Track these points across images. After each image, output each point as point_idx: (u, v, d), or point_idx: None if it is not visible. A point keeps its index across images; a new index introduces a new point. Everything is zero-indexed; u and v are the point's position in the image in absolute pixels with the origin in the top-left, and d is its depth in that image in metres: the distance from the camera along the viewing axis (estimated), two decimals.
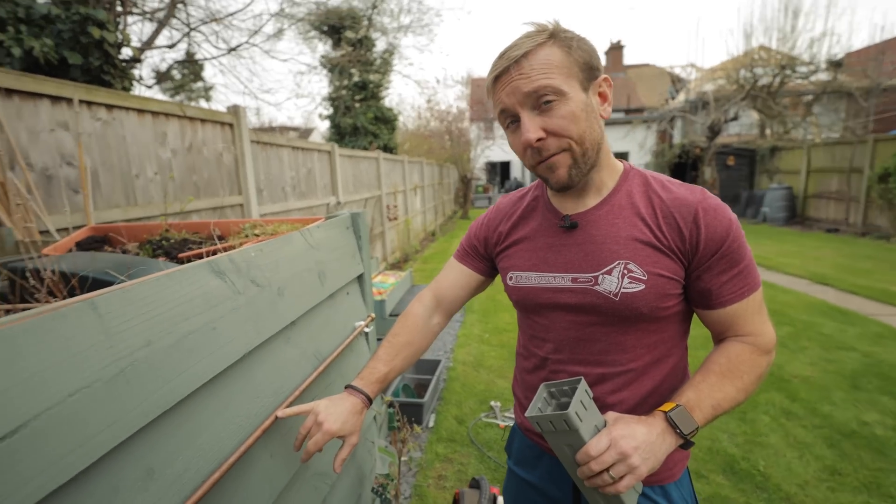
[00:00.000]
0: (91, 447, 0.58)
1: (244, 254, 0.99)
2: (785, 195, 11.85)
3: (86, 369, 0.60)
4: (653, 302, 0.85)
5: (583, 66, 0.83)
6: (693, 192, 0.87)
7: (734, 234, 0.84)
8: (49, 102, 1.88)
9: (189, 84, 11.99)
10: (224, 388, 0.86)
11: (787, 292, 5.61)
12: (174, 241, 1.39)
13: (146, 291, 0.72)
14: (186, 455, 0.74)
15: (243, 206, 3.31)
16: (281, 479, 1.00)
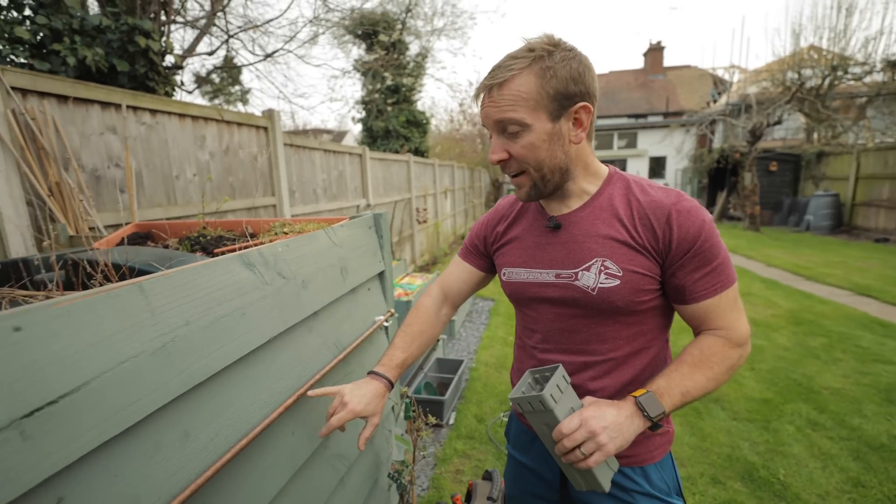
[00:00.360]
0: (138, 407, 0.69)
1: (272, 248, 1.09)
2: (831, 203, 11.36)
3: (135, 341, 0.70)
4: (628, 296, 0.92)
5: (555, 96, 0.87)
6: (668, 195, 0.93)
7: (706, 234, 0.89)
8: (99, 108, 2.05)
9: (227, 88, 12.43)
10: (251, 368, 0.96)
11: (824, 303, 5.43)
12: (210, 238, 1.51)
13: (186, 278, 0.82)
14: (217, 423, 0.84)
15: (276, 206, 3.46)
16: (301, 456, 1.09)
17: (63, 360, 0.60)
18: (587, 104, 0.90)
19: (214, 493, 0.84)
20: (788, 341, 4.28)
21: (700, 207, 0.92)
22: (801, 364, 3.78)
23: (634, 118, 24.70)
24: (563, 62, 0.87)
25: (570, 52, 0.89)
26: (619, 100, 25.88)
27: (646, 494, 0.99)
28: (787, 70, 11.77)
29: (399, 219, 7.19)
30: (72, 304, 0.62)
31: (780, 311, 5.14)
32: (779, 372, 3.64)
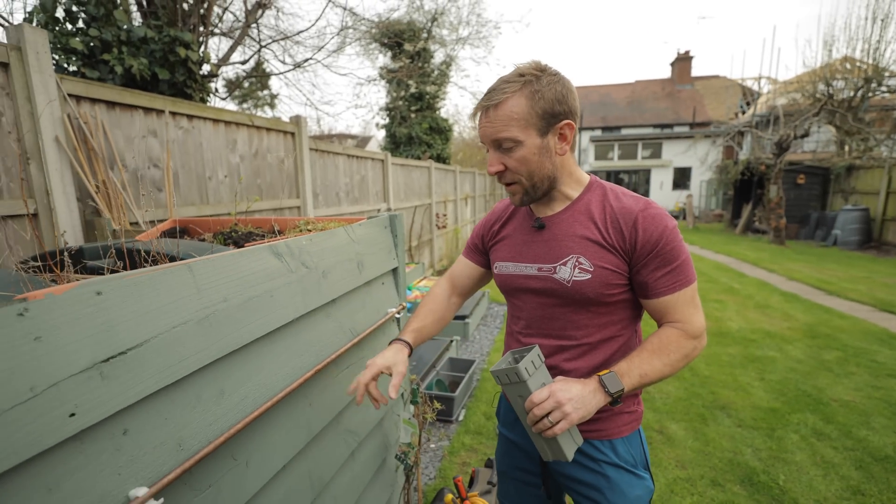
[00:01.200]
0: (185, 365, 0.83)
1: (297, 241, 1.24)
2: (860, 217, 11.10)
3: (184, 311, 0.85)
4: (598, 289, 1.06)
5: (542, 115, 1.01)
6: (637, 203, 1.07)
7: (667, 238, 1.02)
8: (142, 113, 2.24)
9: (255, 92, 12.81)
10: (277, 343, 1.10)
11: (843, 318, 5.38)
12: (241, 234, 1.67)
13: (225, 262, 0.97)
14: (247, 386, 0.99)
15: (300, 208, 3.65)
16: (316, 426, 1.23)
17: (131, 320, 0.75)
18: (570, 121, 1.04)
19: (242, 445, 0.98)
20: (802, 354, 4.28)
21: (665, 215, 1.05)
22: (812, 376, 3.79)
23: (660, 128, 24.47)
24: (549, 85, 1.01)
25: (554, 77, 1.02)
26: (644, 109, 25.67)
27: (612, 465, 1.12)
28: (818, 81, 11.55)
29: (419, 223, 7.35)
30: (138, 277, 0.78)
31: (796, 325, 5.12)
32: (788, 383, 3.66)
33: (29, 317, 0.62)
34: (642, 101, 26.31)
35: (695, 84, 26.86)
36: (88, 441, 0.68)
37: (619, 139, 23.38)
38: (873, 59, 10.92)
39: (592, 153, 23.56)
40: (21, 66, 1.67)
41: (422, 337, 1.29)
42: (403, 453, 1.72)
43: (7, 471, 0.59)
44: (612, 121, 25.12)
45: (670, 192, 22.82)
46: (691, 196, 18.42)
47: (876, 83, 11.01)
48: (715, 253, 10.72)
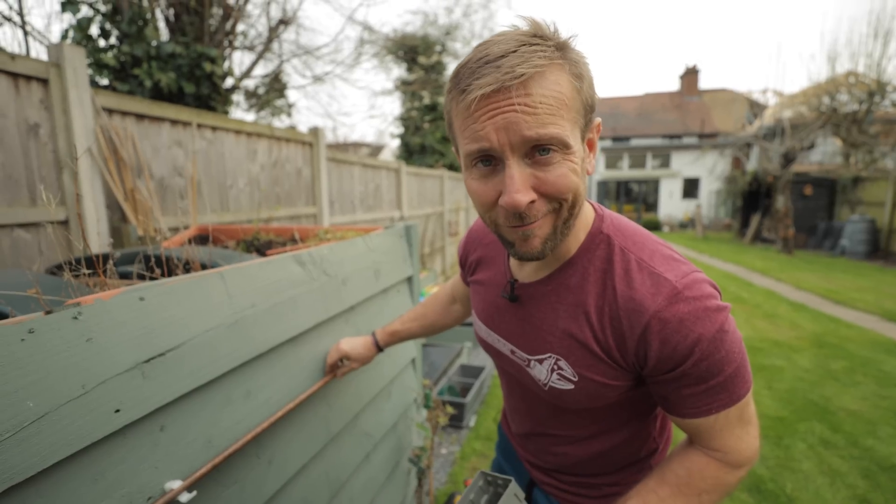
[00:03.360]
0: (216, 367, 0.89)
1: (319, 251, 1.29)
2: (867, 228, 11.17)
3: (216, 316, 0.91)
4: (583, 402, 0.77)
5: (585, 109, 0.64)
6: (658, 293, 0.66)
7: (701, 353, 0.65)
8: (169, 124, 2.33)
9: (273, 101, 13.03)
10: (300, 347, 1.16)
11: (850, 327, 5.39)
12: (263, 241, 1.74)
13: (253, 270, 1.03)
14: (271, 387, 1.04)
15: (316, 215, 3.73)
16: (335, 426, 1.29)
17: (169, 324, 0.81)
18: (599, 120, 0.70)
19: (266, 443, 1.04)
20: (809, 363, 4.28)
21: (701, 312, 0.65)
22: (819, 385, 3.79)
23: (669, 139, 24.58)
24: (584, 63, 0.64)
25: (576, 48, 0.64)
26: (653, 121, 25.78)
27: None
28: (823, 95, 11.72)
29: (431, 231, 7.42)
30: (176, 284, 0.84)
31: (803, 334, 5.13)
32: (796, 392, 3.66)
33: (82, 320, 0.68)
34: (651, 112, 26.43)
35: (702, 96, 26.99)
36: (130, 436, 0.74)
37: (628, 149, 23.55)
38: (876, 74, 11.07)
39: (603, 162, 23.67)
40: (60, 81, 1.76)
41: (397, 339, 1.28)
42: (416, 456, 1.76)
43: (60, 461, 0.65)
44: (622, 131, 25.25)
45: (679, 201, 22.87)
46: (700, 206, 18.44)
47: (880, 97, 11.20)
48: (724, 262, 10.68)
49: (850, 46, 11.68)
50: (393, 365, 1.67)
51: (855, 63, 11.53)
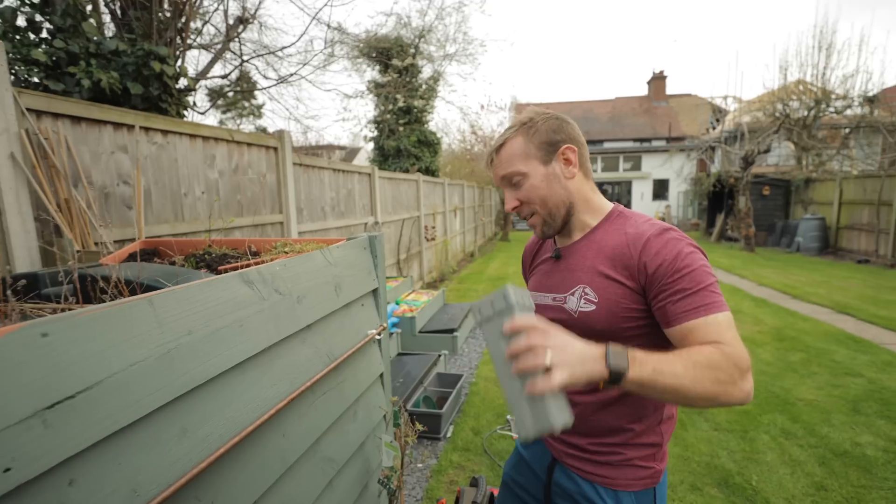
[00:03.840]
0: (143, 405, 0.78)
1: (270, 268, 1.19)
2: (818, 226, 11.98)
3: (142, 348, 0.80)
4: (606, 320, 1.00)
5: (541, 146, 1.06)
6: (653, 227, 1.01)
7: (683, 261, 0.93)
8: (112, 128, 2.17)
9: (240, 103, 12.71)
10: (247, 374, 1.05)
11: (806, 320, 5.66)
12: (215, 256, 1.62)
13: (190, 293, 0.92)
14: (213, 422, 0.94)
15: (283, 224, 3.59)
16: (291, 456, 1.18)
17: (81, 362, 0.70)
18: (571, 145, 1.07)
19: (207, 484, 0.93)
20: (771, 356, 4.45)
21: (681, 240, 0.97)
22: (780, 377, 3.94)
23: (639, 142, 25.22)
24: (544, 121, 1.08)
25: (550, 115, 1.09)
26: (624, 124, 26.38)
27: None
28: (776, 102, 12.51)
29: (407, 236, 7.31)
30: (91, 315, 0.73)
31: (765, 328, 5.33)
32: (759, 385, 3.77)
33: None
34: (622, 116, 27.04)
35: (669, 101, 27.87)
36: (27, 497, 0.63)
37: (601, 152, 24.12)
38: (821, 83, 11.74)
39: None
40: None
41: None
42: (386, 478, 1.66)
43: None
44: (595, 135, 25.77)
45: (650, 202, 23.58)
46: (669, 206, 18.91)
47: (825, 104, 12.10)
48: None
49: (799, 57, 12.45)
50: (357, 384, 1.57)
51: (803, 73, 12.41)
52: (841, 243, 11.72)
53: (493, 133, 17.19)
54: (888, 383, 3.73)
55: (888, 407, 3.32)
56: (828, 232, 12.02)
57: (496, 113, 25.44)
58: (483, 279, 8.99)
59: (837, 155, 12.62)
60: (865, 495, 2.38)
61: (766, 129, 12.47)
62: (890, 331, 5.15)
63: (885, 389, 3.61)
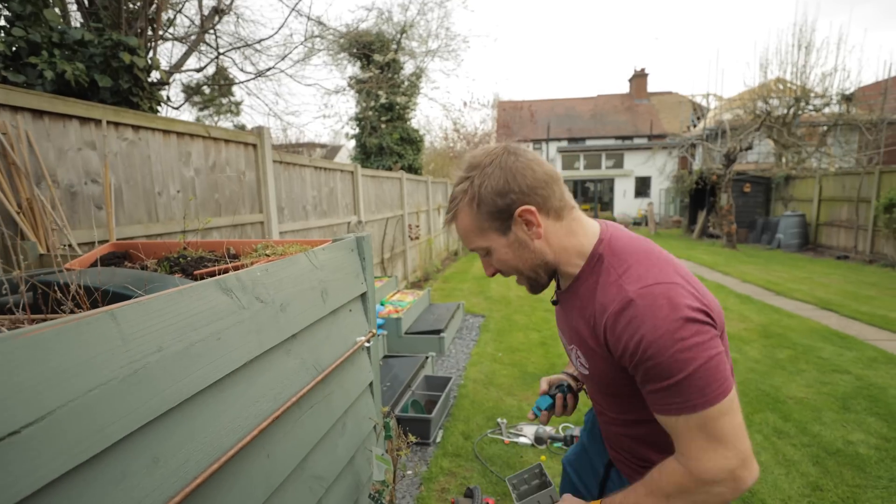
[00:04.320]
0: (105, 435, 0.68)
1: (250, 273, 1.09)
2: (798, 222, 12.17)
3: (104, 369, 0.70)
4: (602, 385, 0.99)
5: (493, 217, 0.93)
6: (616, 299, 0.84)
7: (646, 352, 0.79)
8: (78, 123, 2.03)
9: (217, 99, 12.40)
10: (226, 391, 0.95)
11: (791, 317, 5.68)
12: (191, 259, 1.50)
13: (160, 304, 0.82)
14: (189, 447, 0.84)
15: (263, 224, 3.45)
16: (277, 478, 1.08)
17: (26, 390, 0.60)
18: (526, 206, 0.91)
19: None
20: (759, 354, 4.45)
21: (647, 318, 0.79)
22: (769, 375, 3.93)
23: (621, 139, 25.45)
24: (484, 184, 0.92)
25: (489, 168, 0.92)
26: (607, 122, 26.58)
27: None
28: (757, 99, 12.66)
29: (391, 235, 7.20)
30: (38, 335, 0.62)
31: (751, 325, 5.35)
32: (750, 384, 3.76)
33: None
34: (604, 114, 27.23)
35: (651, 99, 28.14)
36: None
37: (584, 150, 24.24)
38: (801, 81, 12.07)
39: (560, 163, 24.19)
40: None
41: None
42: (377, 492, 1.57)
43: None
44: (577, 132, 25.92)
45: (633, 199, 23.77)
46: (652, 204, 19.14)
47: (804, 102, 12.23)
48: (677, 258, 11.03)
49: (779, 55, 12.71)
50: (346, 395, 1.48)
51: (783, 71, 12.63)
52: (821, 240, 11.88)
53: (476, 130, 17.11)
54: (875, 380, 3.75)
55: (877, 404, 3.33)
56: (808, 228, 12.20)
57: (479, 110, 25.46)
58: (468, 278, 8.92)
59: (816, 152, 12.87)
60: (861, 495, 2.36)
61: (748, 127, 12.58)
62: (873, 326, 5.20)
63: (873, 386, 3.63)
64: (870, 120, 11.93)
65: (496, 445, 2.94)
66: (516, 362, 4.44)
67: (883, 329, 5.07)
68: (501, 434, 3.08)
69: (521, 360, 4.51)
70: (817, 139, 13.47)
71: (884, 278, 7.90)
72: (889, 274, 8.31)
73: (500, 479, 2.57)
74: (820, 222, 11.92)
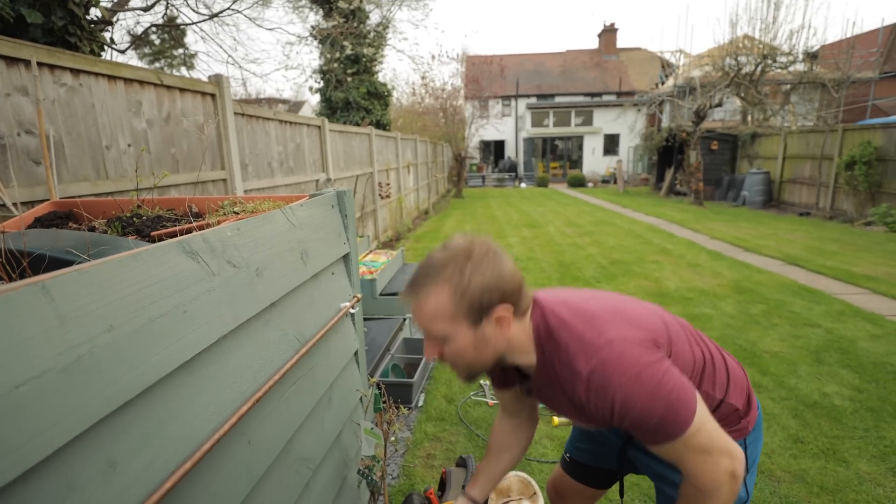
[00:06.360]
0: (42, 442, 0.53)
1: (219, 233, 0.92)
2: (763, 180, 12.36)
3: (36, 358, 0.54)
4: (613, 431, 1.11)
5: (471, 309, 0.88)
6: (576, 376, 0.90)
7: (620, 409, 0.86)
8: (4, 64, 1.75)
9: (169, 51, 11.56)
10: (197, 374, 0.81)
11: (761, 272, 5.79)
12: (146, 219, 1.31)
13: (107, 273, 0.66)
14: (154, 445, 0.69)
15: (226, 181, 3.20)
16: (260, 466, 0.96)
17: None
18: (503, 307, 0.90)
19: None
20: (733, 309, 4.51)
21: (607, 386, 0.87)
22: (744, 330, 3.99)
23: (590, 97, 25.24)
24: (475, 276, 0.88)
25: (482, 262, 0.89)
26: (575, 78, 26.24)
27: None
28: (726, 56, 12.67)
29: (361, 194, 6.96)
30: None
31: (724, 281, 5.42)
32: (727, 339, 3.80)
33: None
34: (573, 70, 26.84)
35: (620, 55, 27.82)
36: None
37: (553, 107, 23.96)
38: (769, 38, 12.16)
39: (529, 120, 23.91)
40: None
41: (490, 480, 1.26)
42: (367, 468, 1.47)
43: None
44: (547, 89, 25.53)
45: (601, 157, 23.82)
46: (621, 161, 19.21)
47: (771, 59, 12.35)
48: (646, 215, 11.19)
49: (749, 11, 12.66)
50: (330, 367, 1.35)
51: (752, 27, 12.65)
52: (783, 196, 12.14)
53: (445, 85, 16.59)
54: (844, 332, 3.85)
55: (847, 356, 3.41)
56: (772, 186, 12.44)
57: (448, 64, 24.69)
58: (440, 237, 8.79)
59: (781, 110, 13.09)
60: (840, 445, 2.41)
61: (718, 84, 12.60)
62: (838, 281, 5.35)
63: (843, 339, 3.72)
64: (834, 78, 12.12)
65: (480, 408, 2.89)
66: None
67: (848, 283, 5.22)
68: (485, 396, 3.03)
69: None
70: (781, 98, 13.70)
71: (844, 234, 8.13)
72: (848, 230, 8.56)
73: (486, 442, 2.52)
74: (784, 179, 12.17)
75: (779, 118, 13.48)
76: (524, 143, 24.56)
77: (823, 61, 13.19)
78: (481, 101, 18.20)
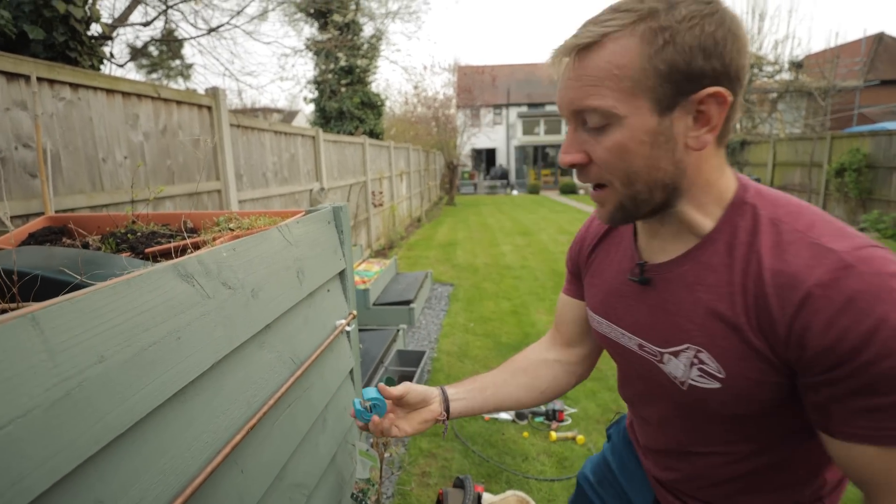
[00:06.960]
0: (23, 487, 0.51)
1: (215, 254, 0.91)
2: None
3: (21, 396, 0.52)
4: (733, 404, 0.64)
5: (668, 75, 0.57)
6: (819, 264, 0.54)
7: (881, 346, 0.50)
8: (5, 80, 1.75)
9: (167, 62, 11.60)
10: (189, 403, 0.79)
11: None
12: (141, 234, 1.30)
13: (99, 302, 0.64)
14: (144, 481, 0.67)
15: (221, 192, 3.19)
16: (254, 496, 0.93)
17: None
18: (720, 90, 0.57)
19: None
20: None
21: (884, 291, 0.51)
22: None
23: None
24: (691, 22, 0.55)
25: (705, 8, 0.56)
26: None
27: None
28: None
29: (354, 202, 6.97)
30: None
31: None
32: None
33: None
34: None
35: None
36: None
37: (544, 115, 24.30)
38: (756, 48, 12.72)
39: (520, 128, 24.15)
40: None
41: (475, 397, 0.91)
42: (361, 491, 1.45)
43: None
44: (538, 97, 25.90)
45: None
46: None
47: (757, 69, 12.77)
48: None
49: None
50: (326, 387, 1.33)
51: None
52: None
53: (437, 95, 16.71)
54: None
55: None
56: None
57: (440, 74, 24.89)
58: (433, 245, 8.79)
59: (769, 118, 13.34)
60: None
61: None
62: None
63: None
64: (820, 87, 12.34)
65: (476, 423, 2.86)
66: (489, 333, 4.38)
67: None
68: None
69: (494, 330, 4.45)
70: (768, 106, 13.94)
71: None
72: None
73: (483, 459, 2.50)
74: (774, 186, 12.34)
75: (767, 126, 13.70)
76: (515, 150, 24.79)
77: (809, 70, 13.49)
78: (473, 110, 18.33)
